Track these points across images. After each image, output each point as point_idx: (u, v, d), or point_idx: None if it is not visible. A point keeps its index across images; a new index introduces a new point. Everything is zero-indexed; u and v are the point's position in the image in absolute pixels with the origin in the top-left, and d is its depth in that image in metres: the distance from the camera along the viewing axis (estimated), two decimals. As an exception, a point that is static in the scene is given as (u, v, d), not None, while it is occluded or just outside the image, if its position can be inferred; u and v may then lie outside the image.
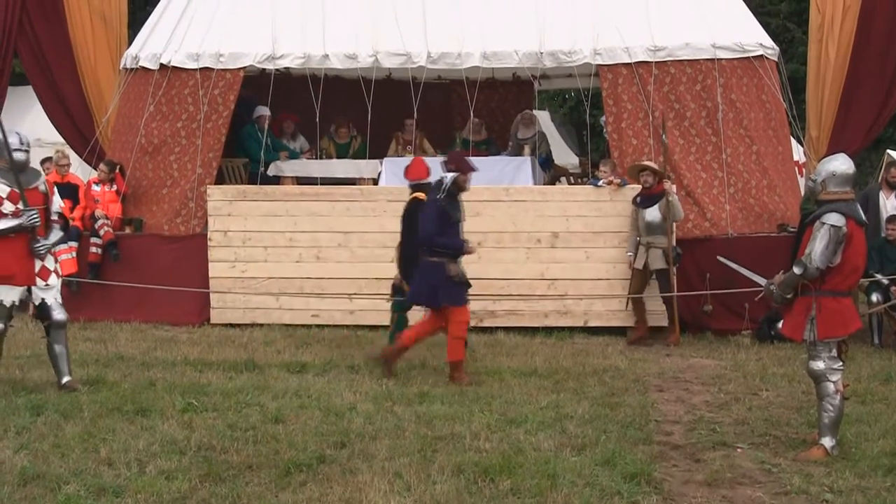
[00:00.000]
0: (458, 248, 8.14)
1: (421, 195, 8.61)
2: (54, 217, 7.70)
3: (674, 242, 9.93)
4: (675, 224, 9.96)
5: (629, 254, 10.13)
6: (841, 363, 6.24)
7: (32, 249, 7.42)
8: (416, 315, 8.94)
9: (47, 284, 7.61)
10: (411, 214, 8.55)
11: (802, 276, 6.16)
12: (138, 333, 10.23)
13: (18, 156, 7.40)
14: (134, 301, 10.63)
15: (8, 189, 7.34)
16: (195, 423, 6.75)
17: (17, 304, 7.52)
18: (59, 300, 7.73)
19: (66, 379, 7.65)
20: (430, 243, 8.01)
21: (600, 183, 10.40)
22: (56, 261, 7.79)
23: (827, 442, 6.18)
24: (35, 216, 7.37)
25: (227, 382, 7.98)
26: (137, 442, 6.26)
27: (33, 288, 7.55)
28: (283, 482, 5.60)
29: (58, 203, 7.82)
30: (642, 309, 10.09)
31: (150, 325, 10.52)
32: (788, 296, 6.35)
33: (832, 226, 6.09)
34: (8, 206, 7.33)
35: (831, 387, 6.17)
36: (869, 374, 8.51)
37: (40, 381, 7.79)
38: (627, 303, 10.13)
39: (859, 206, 6.40)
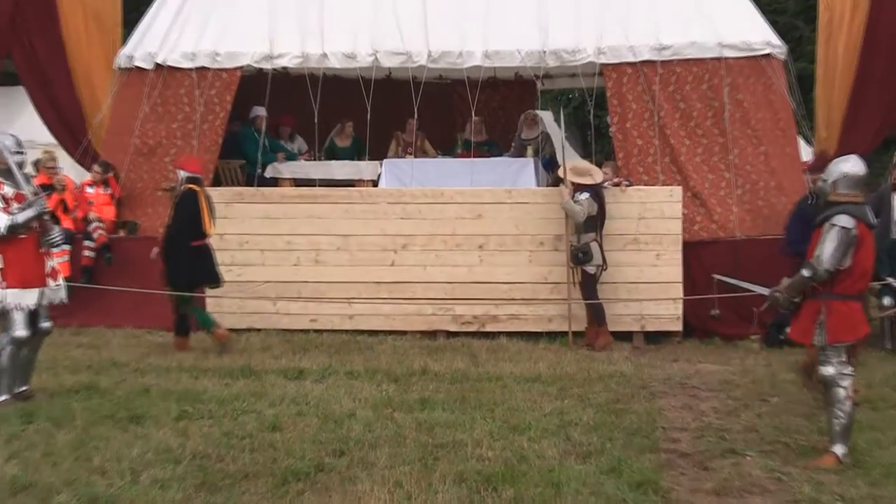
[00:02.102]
0: None
1: (194, 187, 9.46)
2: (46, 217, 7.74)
3: (580, 242, 9.88)
4: (576, 225, 9.89)
5: None
6: (851, 368, 6.21)
7: (45, 241, 7.48)
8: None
9: (58, 284, 7.65)
10: (183, 203, 9.42)
11: (811, 279, 6.14)
12: (132, 339, 10.22)
13: (17, 158, 7.49)
14: (128, 306, 10.59)
15: (13, 191, 7.42)
16: (190, 430, 6.73)
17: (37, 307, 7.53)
18: (55, 302, 7.72)
19: (24, 388, 7.59)
20: (796, 251, 7.89)
21: (605, 185, 10.37)
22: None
23: (838, 449, 6.15)
24: (43, 199, 7.51)
25: (223, 389, 7.97)
26: (131, 450, 6.24)
27: (45, 290, 7.55)
28: (281, 491, 5.58)
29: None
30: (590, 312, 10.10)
31: (145, 331, 10.50)
32: (796, 299, 6.32)
33: (842, 227, 6.06)
34: (16, 207, 7.41)
35: (842, 392, 6.13)
36: (881, 379, 8.46)
37: (31, 389, 7.74)
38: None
39: (869, 209, 6.37)
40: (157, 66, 11.41)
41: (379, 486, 5.60)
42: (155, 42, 11.58)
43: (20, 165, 7.53)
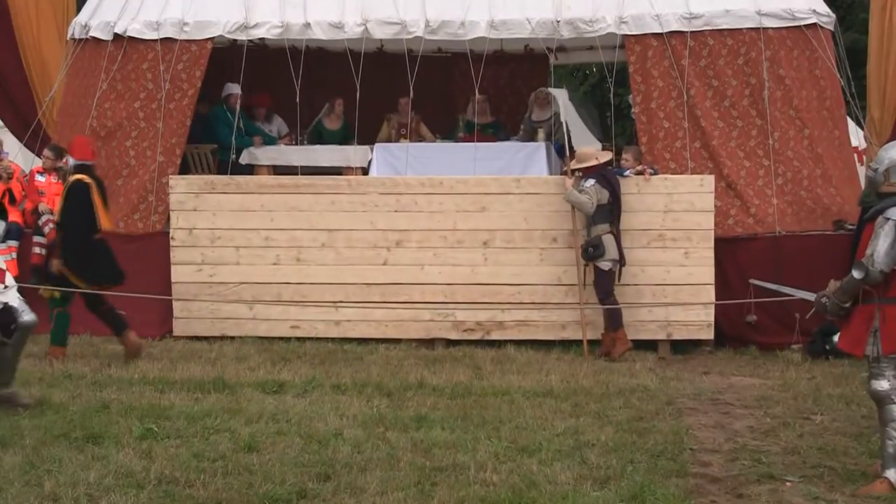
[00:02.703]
0: None
1: (84, 177, 9.66)
2: None
3: (590, 236, 10.00)
4: (587, 217, 9.99)
5: None
6: None
7: None
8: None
9: (5, 286, 7.65)
10: (73, 196, 9.63)
11: (863, 281, 6.17)
12: (89, 347, 10.24)
13: None
14: (85, 310, 10.60)
15: None
16: (155, 451, 6.75)
17: None
18: (24, 300, 7.75)
19: (8, 391, 7.65)
20: None
21: (626, 173, 10.41)
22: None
23: (892, 475, 6.18)
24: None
25: (193, 404, 8.00)
26: (88, 474, 6.25)
27: None
28: (258, 521, 5.63)
29: None
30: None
31: (103, 339, 10.47)
32: (846, 305, 6.36)
33: None
34: None
35: None
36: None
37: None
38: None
39: None
40: (117, 36, 11.39)
41: (369, 515, 5.66)
42: (114, 9, 11.57)
43: None
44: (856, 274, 6.18)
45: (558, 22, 11.04)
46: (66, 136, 11.75)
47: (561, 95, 12.59)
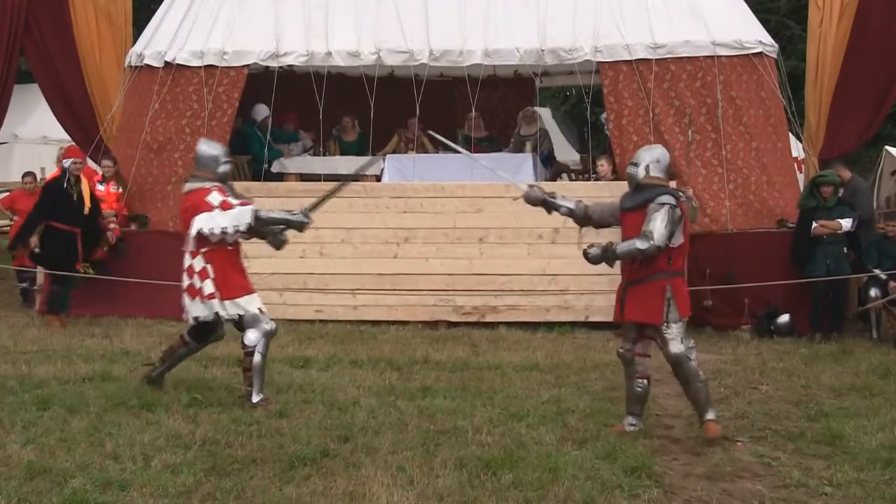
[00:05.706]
0: None
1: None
2: None
3: None
4: None
5: None
6: (692, 342, 6.37)
7: (275, 242, 7.50)
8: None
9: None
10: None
11: (643, 253, 6.10)
12: (143, 329, 10.21)
13: (225, 168, 7.40)
14: (139, 297, 10.63)
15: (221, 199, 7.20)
16: (200, 417, 6.72)
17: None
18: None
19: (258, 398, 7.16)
20: None
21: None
22: None
23: (711, 415, 6.26)
24: (308, 215, 7.38)
25: (232, 377, 7.94)
26: (143, 436, 6.23)
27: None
28: (287, 476, 5.58)
29: None
30: None
31: (156, 321, 10.48)
32: (612, 266, 6.33)
33: (670, 206, 6.09)
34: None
35: (694, 366, 6.27)
36: (868, 368, 8.49)
37: (46, 377, 7.77)
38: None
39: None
40: (167, 63, 11.41)
41: (382, 471, 5.60)
42: (164, 40, 11.58)
43: (226, 176, 7.39)
44: (640, 245, 6.09)
45: (543, 51, 11.04)
46: (123, 149, 11.76)
47: (545, 113, 12.47)
